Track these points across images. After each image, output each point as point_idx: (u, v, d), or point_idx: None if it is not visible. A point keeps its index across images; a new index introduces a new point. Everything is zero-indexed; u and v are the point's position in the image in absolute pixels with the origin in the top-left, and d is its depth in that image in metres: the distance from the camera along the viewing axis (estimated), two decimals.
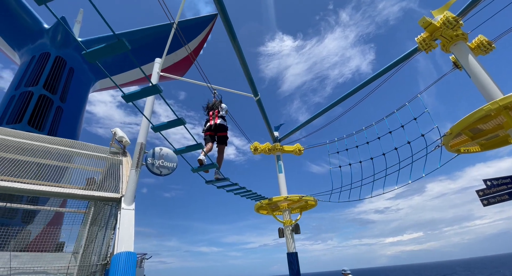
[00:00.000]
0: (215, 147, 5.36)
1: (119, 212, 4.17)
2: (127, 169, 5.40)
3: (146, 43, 15.54)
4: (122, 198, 4.40)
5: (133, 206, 4.36)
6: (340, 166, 8.28)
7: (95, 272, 4.02)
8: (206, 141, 5.29)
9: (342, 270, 7.56)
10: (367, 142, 7.79)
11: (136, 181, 4.62)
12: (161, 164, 5.42)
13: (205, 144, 5.24)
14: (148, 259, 14.66)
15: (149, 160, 5.34)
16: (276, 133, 10.28)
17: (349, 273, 7.45)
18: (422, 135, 6.32)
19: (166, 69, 15.65)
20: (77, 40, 2.20)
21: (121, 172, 5.32)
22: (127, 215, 4.15)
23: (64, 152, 5.36)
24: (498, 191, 5.47)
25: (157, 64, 6.00)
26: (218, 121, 5.29)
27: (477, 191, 5.64)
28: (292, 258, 7.99)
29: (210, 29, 16.76)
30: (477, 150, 5.82)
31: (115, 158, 5.82)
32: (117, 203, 4.47)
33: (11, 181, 3.83)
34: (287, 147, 10.08)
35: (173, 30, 5.66)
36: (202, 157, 4.67)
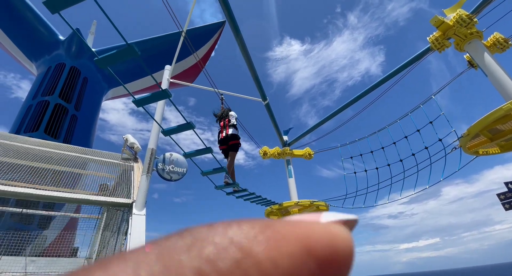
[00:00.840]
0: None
1: (130, 217, 4.19)
2: (138, 174, 5.46)
3: (157, 52, 15.93)
4: (134, 204, 4.42)
5: (144, 211, 4.35)
6: (355, 172, 8.12)
7: None
8: (226, 157, 5.30)
9: None
10: (382, 147, 7.63)
11: (147, 187, 4.64)
12: (171, 169, 5.45)
13: (226, 158, 5.28)
14: None
15: (160, 165, 5.38)
16: (285, 138, 10.22)
17: None
18: (440, 140, 6.12)
19: (176, 76, 15.96)
20: (91, 50, 2.26)
21: (132, 177, 5.38)
22: (138, 220, 4.17)
23: (79, 159, 5.48)
24: None
25: (167, 71, 6.10)
26: (230, 131, 5.29)
27: (498, 195, 5.38)
28: None
29: (218, 36, 17.02)
30: (496, 151, 5.58)
31: (127, 164, 5.90)
32: (129, 208, 4.50)
33: (30, 187, 3.93)
34: (297, 151, 9.99)
35: (181, 38, 5.76)
36: (226, 179, 4.78)
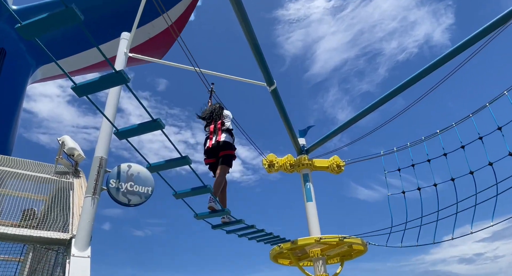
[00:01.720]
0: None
1: (68, 261, 4.20)
2: (81, 196, 5.47)
3: (109, 12, 15.98)
4: (73, 240, 4.43)
5: (88, 251, 4.37)
6: (404, 191, 8.11)
7: None
8: (213, 171, 5.46)
9: None
10: (444, 154, 7.62)
11: (93, 214, 4.66)
12: (129, 188, 5.47)
13: (214, 176, 5.41)
14: None
15: (113, 182, 5.40)
16: (301, 141, 10.26)
17: None
18: None
19: (138, 48, 15.98)
20: (9, 8, 2.27)
21: (71, 200, 5.39)
22: (79, 264, 4.18)
23: None
24: None
25: (124, 41, 6.14)
26: (222, 138, 5.40)
27: None
28: None
29: None
30: None
31: (63, 179, 5.92)
32: (66, 247, 4.51)
33: None
34: (319, 161, 10.03)
35: None
36: (212, 203, 4.94)
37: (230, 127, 5.70)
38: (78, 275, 4.08)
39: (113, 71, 2.39)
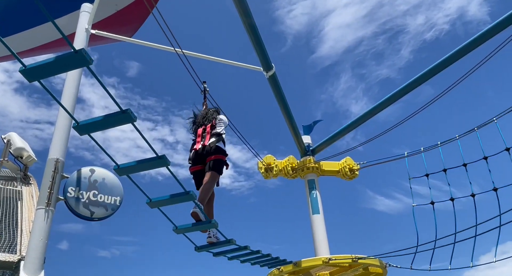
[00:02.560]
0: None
1: None
2: (31, 208, 5.44)
3: None
4: (21, 263, 4.41)
5: (41, 275, 4.35)
6: (432, 202, 8.15)
7: None
8: (200, 186, 5.46)
9: None
10: (484, 157, 7.67)
11: (47, 231, 4.62)
12: (92, 198, 5.45)
13: (198, 189, 5.47)
14: None
15: (71, 191, 5.38)
16: (306, 139, 10.28)
17: None
18: None
19: (102, 24, 15.87)
20: None
21: (19, 213, 5.36)
22: None
23: None
24: None
25: (86, 14, 6.10)
26: (210, 141, 5.48)
27: None
28: None
29: None
30: None
31: (9, 187, 5.88)
32: (13, 271, 4.50)
33: None
34: (328, 164, 10.06)
35: None
36: (211, 234, 5.17)
37: (223, 132, 5.75)
38: None
39: (72, 51, 2.37)
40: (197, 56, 7.06)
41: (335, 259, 8.16)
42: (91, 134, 3.07)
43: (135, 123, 2.88)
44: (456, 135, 8.32)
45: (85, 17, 5.95)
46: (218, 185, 5.66)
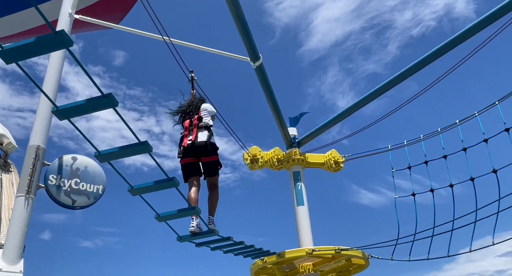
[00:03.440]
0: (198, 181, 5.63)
1: None
2: (10, 195, 5.38)
3: None
4: (0, 251, 4.37)
5: (20, 265, 4.32)
6: (414, 193, 8.26)
7: None
8: (188, 176, 5.51)
9: None
10: (464, 149, 7.78)
11: (27, 219, 4.56)
12: (74, 186, 5.40)
13: (189, 184, 5.49)
14: None
15: (52, 179, 5.31)
16: (292, 131, 10.31)
17: None
18: None
19: (87, 10, 15.61)
20: None
21: None
22: None
23: None
24: None
25: None
26: (199, 137, 5.45)
27: None
28: None
29: None
30: None
31: None
32: None
33: None
34: (314, 157, 10.13)
35: None
36: (194, 224, 5.18)
37: (210, 123, 5.74)
38: None
39: (53, 32, 2.31)
40: (185, 45, 7.00)
41: (318, 251, 8.24)
42: (71, 120, 3.01)
43: (117, 109, 2.84)
44: (439, 128, 8.42)
45: (68, 1, 5.82)
46: (218, 175, 5.76)
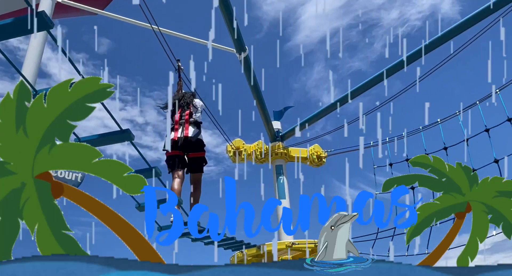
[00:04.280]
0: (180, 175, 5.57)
1: None
2: None
3: None
4: None
5: None
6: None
7: None
8: (173, 167, 5.45)
9: None
10: (444, 148, 7.90)
11: None
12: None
13: (173, 175, 5.43)
14: None
15: None
16: (276, 125, 10.31)
17: None
18: None
19: None
20: None
21: None
22: None
23: None
24: None
25: None
26: (190, 132, 5.44)
27: None
28: None
29: None
30: None
31: None
32: None
33: None
34: (297, 151, 10.15)
35: None
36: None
37: (199, 120, 5.74)
38: None
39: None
40: (171, 34, 6.91)
41: (298, 244, 8.28)
42: None
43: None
44: (420, 127, 8.53)
45: None
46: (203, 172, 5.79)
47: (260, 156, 9.92)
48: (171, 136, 5.51)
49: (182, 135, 5.41)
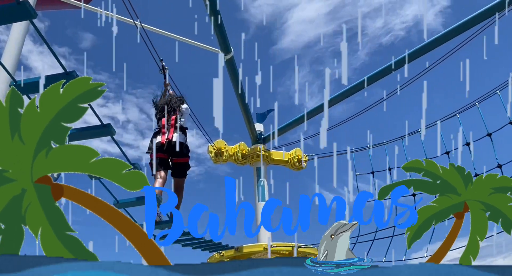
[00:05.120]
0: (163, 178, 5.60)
1: None
2: None
3: None
4: None
5: None
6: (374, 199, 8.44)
7: None
8: (157, 170, 5.46)
9: None
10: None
11: None
12: None
13: (155, 176, 5.45)
14: None
15: None
16: (259, 127, 10.32)
17: None
18: None
19: None
20: None
21: None
22: None
23: None
24: None
25: None
26: (175, 137, 5.46)
27: None
28: None
29: None
30: None
31: None
32: None
33: None
34: (278, 154, 10.17)
35: None
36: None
37: (185, 125, 5.79)
38: None
39: (15, 2, 2.20)
40: (155, 31, 6.85)
41: (276, 247, 8.28)
42: (30, 97, 2.87)
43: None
44: (401, 135, 8.62)
45: None
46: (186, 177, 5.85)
47: (242, 157, 9.91)
48: (157, 139, 5.53)
49: (167, 140, 5.44)
